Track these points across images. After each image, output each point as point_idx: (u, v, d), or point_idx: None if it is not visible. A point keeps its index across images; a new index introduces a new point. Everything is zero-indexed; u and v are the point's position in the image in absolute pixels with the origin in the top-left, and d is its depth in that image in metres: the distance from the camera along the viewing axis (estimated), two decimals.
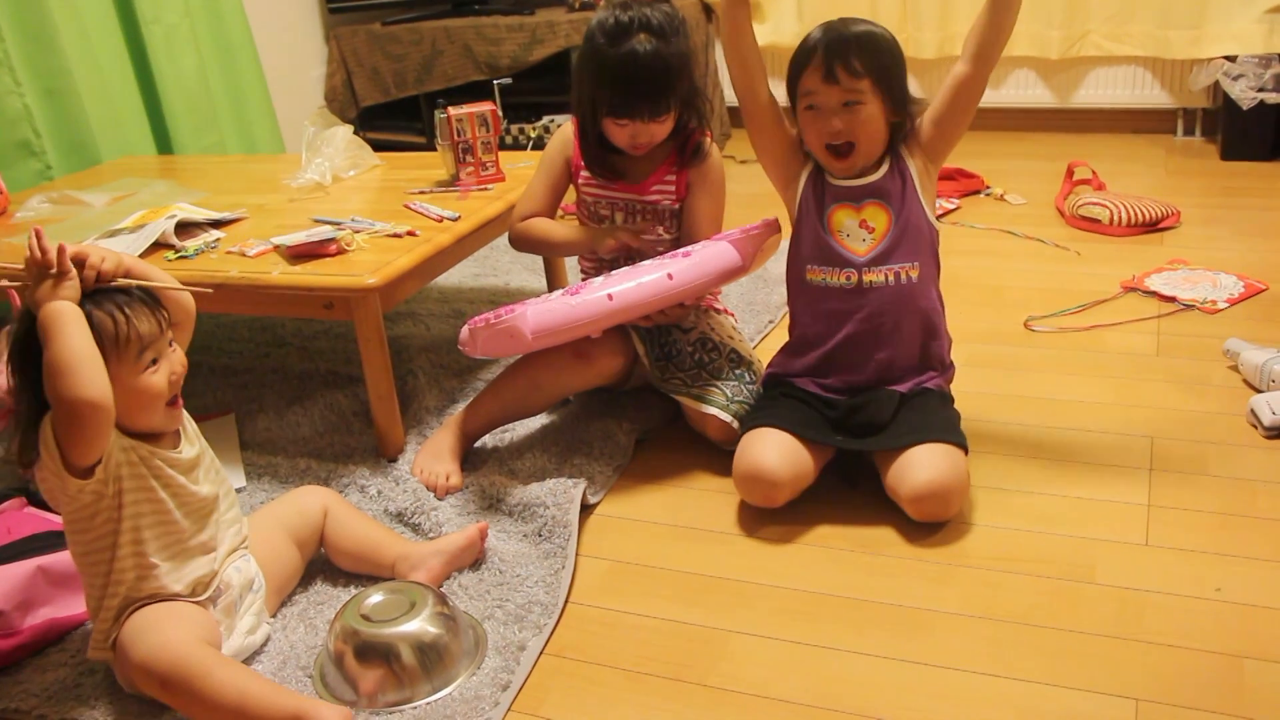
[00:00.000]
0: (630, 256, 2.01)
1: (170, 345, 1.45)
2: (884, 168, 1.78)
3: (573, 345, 1.91)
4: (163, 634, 1.36)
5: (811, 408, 1.80)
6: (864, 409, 1.77)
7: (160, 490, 1.42)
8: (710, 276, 1.86)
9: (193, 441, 1.50)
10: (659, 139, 1.95)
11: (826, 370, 1.82)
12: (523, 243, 2.11)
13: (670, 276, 1.83)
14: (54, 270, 1.34)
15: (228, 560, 1.52)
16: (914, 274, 1.78)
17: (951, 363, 1.88)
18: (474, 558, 1.68)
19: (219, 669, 1.34)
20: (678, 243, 2.04)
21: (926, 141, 1.79)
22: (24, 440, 1.37)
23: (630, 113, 1.89)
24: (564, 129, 2.08)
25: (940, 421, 1.75)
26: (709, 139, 2.02)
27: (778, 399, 1.84)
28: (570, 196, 2.14)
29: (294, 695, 1.36)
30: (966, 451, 1.74)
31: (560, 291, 1.87)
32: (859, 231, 1.77)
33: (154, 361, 1.41)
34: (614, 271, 1.89)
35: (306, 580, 1.67)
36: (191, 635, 1.37)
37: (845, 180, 1.78)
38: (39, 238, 1.34)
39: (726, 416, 1.90)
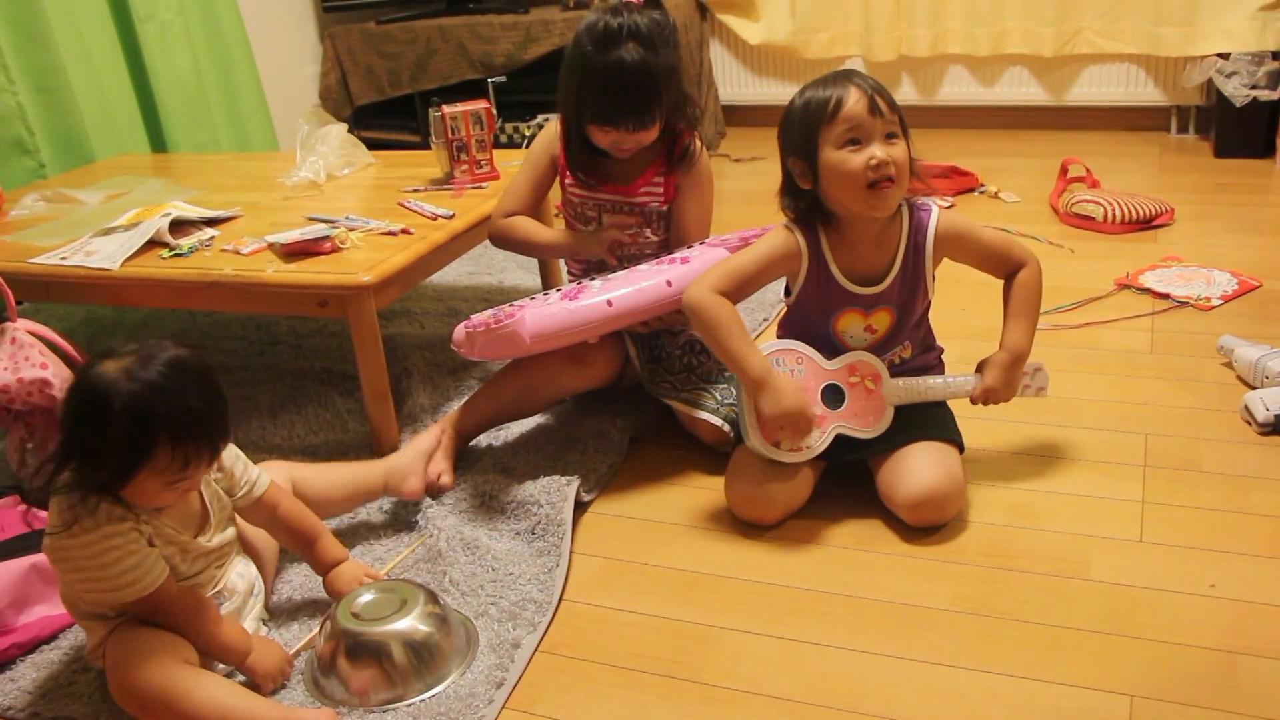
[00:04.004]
0: (618, 259, 2.00)
1: (200, 480, 1.44)
2: (894, 270, 1.72)
3: (569, 349, 1.89)
4: (142, 658, 1.34)
5: None
6: None
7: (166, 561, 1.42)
8: None
9: (222, 528, 1.49)
10: (644, 144, 1.93)
11: None
12: (503, 241, 2.09)
13: (669, 283, 1.82)
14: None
15: (229, 565, 1.52)
16: (905, 354, 1.80)
17: (941, 361, 1.88)
18: None
19: (198, 689, 1.32)
20: (665, 244, 2.03)
21: (942, 251, 1.76)
22: (44, 493, 1.39)
23: (614, 122, 1.87)
24: (550, 127, 2.06)
25: (933, 418, 1.75)
26: (698, 141, 2.00)
27: None
28: (556, 195, 2.13)
29: (276, 707, 1.37)
30: (962, 449, 1.74)
31: (557, 294, 1.85)
32: (862, 334, 1.76)
33: (176, 487, 1.38)
34: (611, 275, 1.88)
35: (299, 576, 1.67)
36: (171, 655, 1.36)
37: (860, 288, 1.71)
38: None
39: (717, 420, 1.90)
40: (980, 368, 1.78)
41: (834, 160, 1.62)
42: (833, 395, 1.73)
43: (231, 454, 1.51)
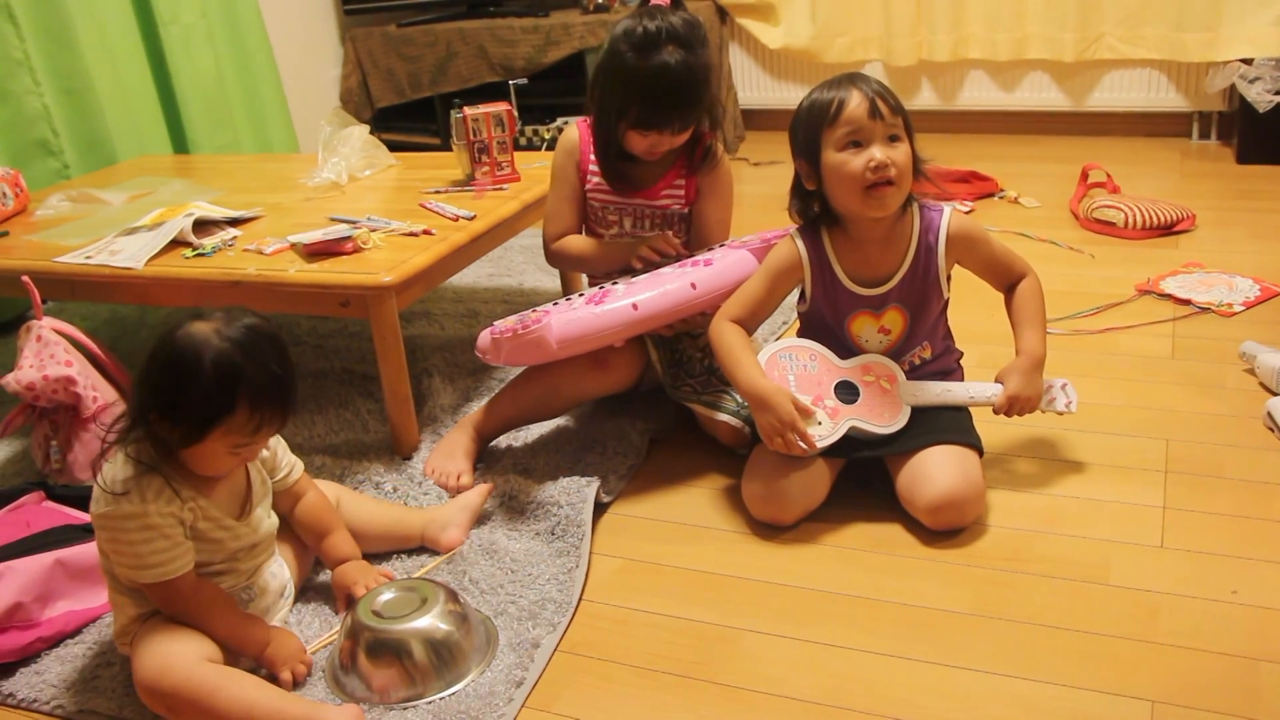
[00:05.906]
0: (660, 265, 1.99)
1: (259, 451, 1.47)
2: (904, 267, 1.73)
3: (591, 353, 1.89)
4: (166, 655, 1.36)
5: None
6: None
7: (203, 546, 1.43)
8: (732, 285, 1.84)
9: (260, 517, 1.51)
10: (675, 146, 1.94)
11: None
12: (559, 262, 2.14)
13: (693, 286, 1.82)
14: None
15: (266, 562, 1.54)
16: (925, 354, 1.80)
17: (960, 365, 1.88)
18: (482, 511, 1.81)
19: (223, 686, 1.34)
20: (686, 246, 2.03)
21: (954, 253, 1.76)
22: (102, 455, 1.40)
23: (658, 125, 1.87)
24: (567, 134, 2.06)
25: (953, 422, 1.75)
26: (719, 143, 2.01)
27: None
28: None
29: (301, 702, 1.37)
30: (981, 453, 1.74)
31: (582, 299, 1.85)
32: (876, 336, 1.77)
33: (239, 452, 1.41)
34: (635, 279, 1.88)
35: (322, 575, 1.68)
36: (195, 653, 1.37)
37: (866, 289, 1.74)
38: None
39: (737, 422, 1.90)
40: (1000, 378, 1.77)
41: (834, 162, 1.65)
42: (846, 391, 1.74)
43: (276, 436, 1.55)
